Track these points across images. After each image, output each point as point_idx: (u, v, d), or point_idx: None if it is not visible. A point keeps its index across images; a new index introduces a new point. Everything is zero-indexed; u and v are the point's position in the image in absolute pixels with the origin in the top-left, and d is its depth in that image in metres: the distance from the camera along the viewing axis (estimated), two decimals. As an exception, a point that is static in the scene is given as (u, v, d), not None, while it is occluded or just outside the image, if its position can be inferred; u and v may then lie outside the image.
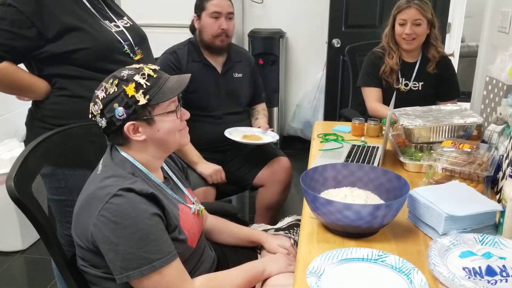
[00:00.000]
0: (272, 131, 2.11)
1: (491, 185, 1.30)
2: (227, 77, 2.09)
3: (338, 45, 3.21)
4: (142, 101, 1.02)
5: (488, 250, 0.96)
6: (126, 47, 1.42)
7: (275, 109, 3.60)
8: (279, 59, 3.48)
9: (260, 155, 2.08)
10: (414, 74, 2.11)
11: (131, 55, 1.44)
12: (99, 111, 1.04)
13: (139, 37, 1.51)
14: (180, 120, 1.11)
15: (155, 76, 1.05)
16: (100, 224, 0.97)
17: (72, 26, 1.33)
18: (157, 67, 1.09)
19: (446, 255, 0.97)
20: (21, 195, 0.99)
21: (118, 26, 1.45)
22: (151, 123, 1.06)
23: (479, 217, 1.05)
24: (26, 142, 1.45)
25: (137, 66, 1.08)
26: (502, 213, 1.05)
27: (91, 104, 1.07)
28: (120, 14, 1.52)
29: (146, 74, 1.04)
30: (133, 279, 0.99)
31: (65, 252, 1.12)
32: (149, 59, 1.53)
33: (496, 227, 1.08)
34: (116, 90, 1.02)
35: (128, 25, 1.50)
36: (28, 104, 1.47)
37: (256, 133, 2.06)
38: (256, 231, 1.43)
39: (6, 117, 2.46)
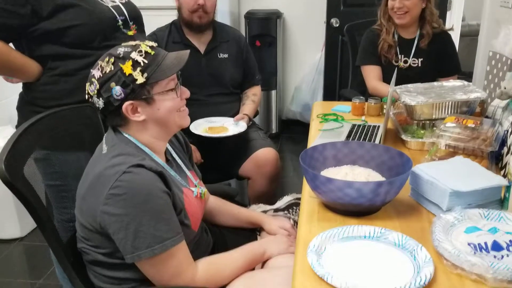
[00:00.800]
0: (251, 121, 2.00)
1: (496, 161, 1.27)
2: (210, 57, 2.03)
3: (337, 25, 3.15)
4: (140, 79, 0.98)
5: (494, 225, 0.94)
6: (120, 21, 1.38)
7: (273, 92, 3.55)
8: (276, 41, 3.42)
9: (244, 145, 1.97)
10: (413, 51, 2.07)
11: (125, 30, 1.40)
12: (95, 91, 1.00)
13: (135, 13, 1.48)
14: (180, 98, 1.07)
15: (152, 53, 1.01)
16: (111, 203, 0.94)
17: (67, 3, 1.29)
18: (154, 44, 1.04)
19: (450, 231, 0.94)
20: (12, 178, 0.96)
21: (114, 1, 1.42)
22: (151, 102, 1.01)
23: (484, 192, 1.02)
24: (18, 127, 1.42)
25: (133, 43, 1.03)
26: (508, 188, 1.02)
27: (87, 84, 1.03)
28: None
29: (143, 51, 0.99)
30: (144, 259, 0.96)
31: (61, 237, 1.10)
32: (142, 35, 1.50)
33: (502, 203, 1.05)
34: (112, 68, 0.98)
35: (124, 1, 1.47)
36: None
37: (226, 124, 1.94)
38: (256, 213, 1.41)
39: (0, 104, 2.42)
